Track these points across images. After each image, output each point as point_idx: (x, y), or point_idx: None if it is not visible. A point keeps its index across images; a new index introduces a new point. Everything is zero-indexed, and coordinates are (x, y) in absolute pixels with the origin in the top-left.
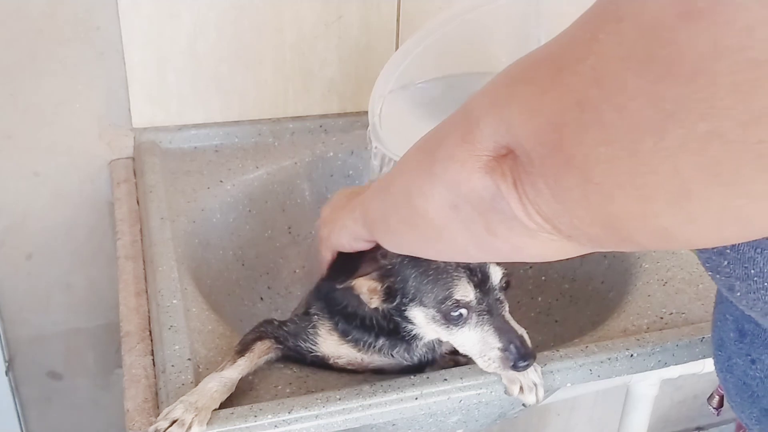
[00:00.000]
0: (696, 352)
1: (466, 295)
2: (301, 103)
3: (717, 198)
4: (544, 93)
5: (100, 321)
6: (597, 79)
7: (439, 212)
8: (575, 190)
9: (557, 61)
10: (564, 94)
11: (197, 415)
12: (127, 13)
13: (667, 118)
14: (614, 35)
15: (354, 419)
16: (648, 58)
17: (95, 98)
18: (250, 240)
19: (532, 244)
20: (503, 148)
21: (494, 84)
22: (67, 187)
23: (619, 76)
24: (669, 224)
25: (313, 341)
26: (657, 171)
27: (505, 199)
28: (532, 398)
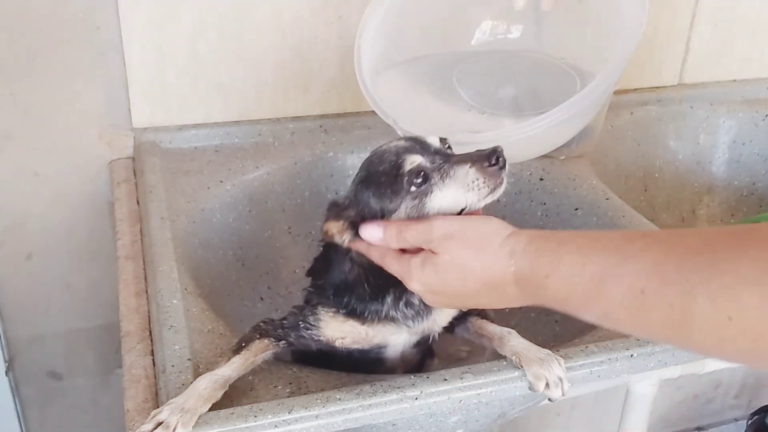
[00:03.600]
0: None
1: (415, 160)
2: (301, 103)
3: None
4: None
5: (100, 321)
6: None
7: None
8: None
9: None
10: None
11: (182, 417)
12: (127, 13)
13: None
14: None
15: (354, 419)
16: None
17: (95, 98)
18: (250, 240)
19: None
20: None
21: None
22: (67, 187)
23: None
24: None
25: (316, 326)
26: None
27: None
28: (558, 393)
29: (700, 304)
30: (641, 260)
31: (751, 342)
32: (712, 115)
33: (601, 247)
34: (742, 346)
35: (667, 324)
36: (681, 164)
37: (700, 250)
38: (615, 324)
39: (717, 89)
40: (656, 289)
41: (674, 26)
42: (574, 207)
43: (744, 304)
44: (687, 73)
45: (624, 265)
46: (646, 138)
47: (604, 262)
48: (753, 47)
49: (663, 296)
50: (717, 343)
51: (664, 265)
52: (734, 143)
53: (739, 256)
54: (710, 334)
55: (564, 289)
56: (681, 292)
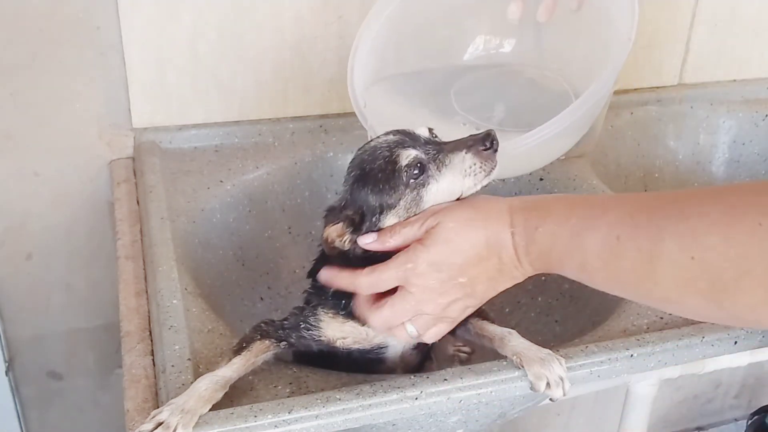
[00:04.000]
0: (696, 352)
1: (409, 154)
2: (301, 103)
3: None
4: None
5: (100, 321)
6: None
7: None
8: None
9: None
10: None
11: (183, 418)
12: (127, 13)
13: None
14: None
15: (354, 419)
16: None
17: (95, 98)
18: (250, 240)
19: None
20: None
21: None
22: (67, 187)
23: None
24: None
25: (317, 327)
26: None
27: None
28: (560, 392)
29: (667, 245)
30: (618, 211)
31: (710, 284)
32: (712, 115)
33: (585, 204)
34: (702, 288)
35: (635, 268)
36: (681, 164)
37: (672, 200)
38: (590, 275)
39: (717, 89)
40: (629, 234)
41: (674, 26)
42: None
43: (706, 245)
44: (687, 73)
45: (602, 216)
46: (646, 138)
47: (585, 214)
48: (753, 47)
49: (634, 241)
50: (679, 285)
51: (638, 215)
52: (734, 143)
53: (706, 203)
54: (674, 277)
55: (549, 241)
56: (650, 236)
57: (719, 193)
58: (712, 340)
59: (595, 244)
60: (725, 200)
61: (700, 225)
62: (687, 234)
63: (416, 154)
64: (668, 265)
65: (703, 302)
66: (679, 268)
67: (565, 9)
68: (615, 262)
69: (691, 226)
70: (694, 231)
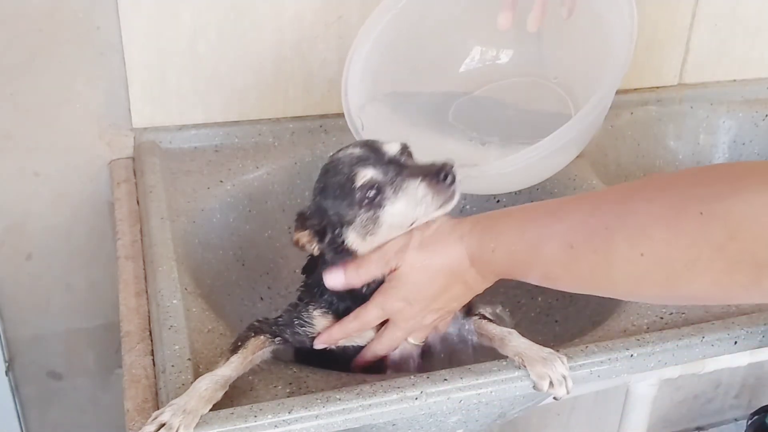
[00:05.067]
0: (696, 352)
1: (366, 175)
2: (301, 103)
3: None
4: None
5: (100, 321)
6: None
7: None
8: None
9: None
10: None
11: (184, 419)
12: (127, 13)
13: None
14: None
15: (354, 419)
16: None
17: (95, 98)
18: (250, 240)
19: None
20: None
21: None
22: (67, 187)
23: None
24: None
25: (310, 323)
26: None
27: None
28: (563, 390)
29: (619, 245)
30: (570, 219)
31: (663, 276)
32: (712, 115)
33: (535, 215)
34: (657, 280)
35: (594, 271)
36: (681, 164)
37: (619, 199)
38: (554, 282)
39: (717, 89)
40: (582, 241)
41: (674, 26)
42: None
43: (654, 239)
44: (687, 73)
45: (555, 226)
46: (646, 138)
47: (538, 227)
48: (753, 47)
49: (588, 245)
50: (636, 280)
51: (589, 219)
52: (734, 143)
53: (651, 198)
54: (629, 273)
55: (508, 258)
56: (603, 239)
57: (661, 187)
58: (712, 340)
59: (552, 253)
60: (667, 194)
61: (646, 220)
62: (635, 232)
63: (372, 176)
64: (622, 264)
65: (660, 291)
66: (632, 264)
67: (557, 18)
68: (574, 268)
69: (639, 222)
70: (641, 228)
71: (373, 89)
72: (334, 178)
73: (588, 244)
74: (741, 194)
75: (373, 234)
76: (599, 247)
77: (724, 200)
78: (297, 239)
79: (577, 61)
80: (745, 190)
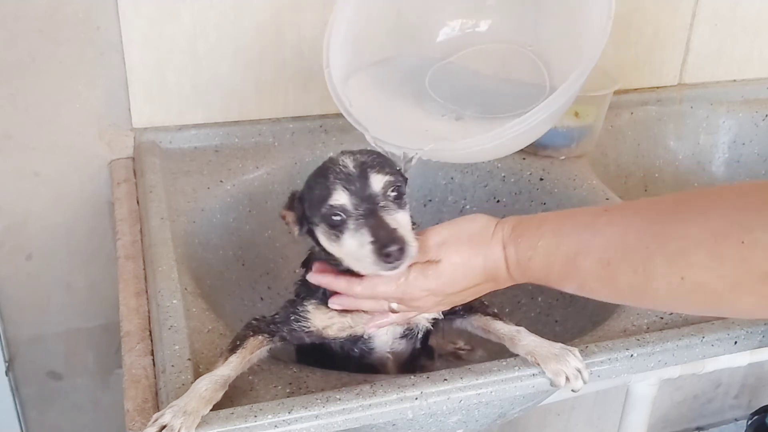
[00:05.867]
0: (696, 352)
1: (338, 199)
2: (301, 103)
3: None
4: None
5: (100, 321)
6: None
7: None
8: None
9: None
10: None
11: (185, 420)
12: (127, 13)
13: None
14: None
15: (354, 419)
16: None
17: (95, 98)
18: (250, 240)
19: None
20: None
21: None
22: (67, 187)
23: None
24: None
25: (305, 318)
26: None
27: None
28: (579, 383)
29: (659, 267)
30: (606, 234)
31: (704, 297)
32: (712, 115)
33: (571, 226)
34: (698, 301)
35: (633, 288)
36: (681, 164)
37: (656, 218)
38: (590, 293)
39: (717, 89)
40: (621, 258)
41: (674, 26)
42: (575, 207)
43: (694, 264)
44: (687, 73)
45: (591, 240)
46: (646, 138)
47: (574, 240)
48: (753, 47)
49: (627, 263)
50: (676, 299)
51: (626, 236)
52: (734, 143)
53: (689, 222)
54: (669, 294)
55: (544, 268)
56: (642, 259)
57: (701, 209)
58: (712, 340)
59: (589, 267)
60: (708, 220)
61: (687, 246)
62: (676, 256)
63: (343, 204)
64: (662, 285)
65: (702, 309)
66: (672, 286)
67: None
68: (611, 283)
69: (679, 247)
70: (682, 252)
71: (353, 59)
72: (318, 182)
73: (626, 262)
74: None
75: (335, 245)
76: (638, 266)
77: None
78: (284, 215)
79: (555, 32)
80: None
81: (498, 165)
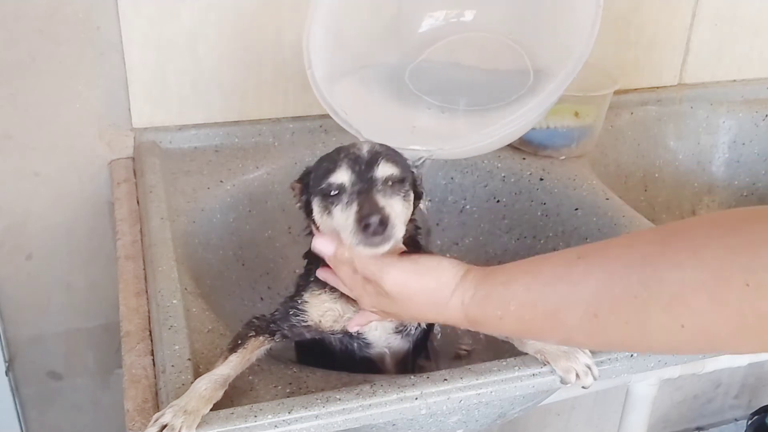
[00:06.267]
0: None
1: (340, 177)
2: (301, 103)
3: None
4: None
5: (100, 321)
6: None
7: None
8: None
9: None
10: None
11: (186, 420)
12: (127, 13)
13: None
14: None
15: (354, 419)
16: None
17: (95, 98)
18: (250, 240)
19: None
20: None
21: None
22: (67, 187)
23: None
24: None
25: (303, 310)
26: None
27: None
28: (590, 379)
29: (655, 317)
30: (588, 285)
31: (707, 342)
32: (712, 115)
33: (545, 280)
34: (701, 347)
35: (626, 339)
36: (681, 164)
37: (642, 264)
38: (576, 344)
39: (717, 89)
40: (609, 311)
41: (674, 26)
42: (574, 207)
43: (695, 311)
44: (687, 73)
45: (573, 294)
46: (646, 138)
47: (552, 296)
48: (753, 47)
49: (617, 316)
50: (676, 347)
51: (611, 287)
52: (734, 143)
53: (682, 265)
54: (669, 342)
55: (520, 326)
56: (634, 309)
57: (694, 253)
58: None
59: (574, 322)
60: (703, 262)
61: (684, 292)
62: (673, 304)
63: (343, 182)
64: (660, 334)
65: (703, 353)
66: (672, 335)
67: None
68: (601, 337)
69: (675, 293)
70: (679, 299)
71: (338, 56)
72: (329, 158)
73: (616, 314)
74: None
75: (325, 218)
76: (630, 318)
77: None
78: (292, 186)
79: (542, 22)
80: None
81: (498, 165)
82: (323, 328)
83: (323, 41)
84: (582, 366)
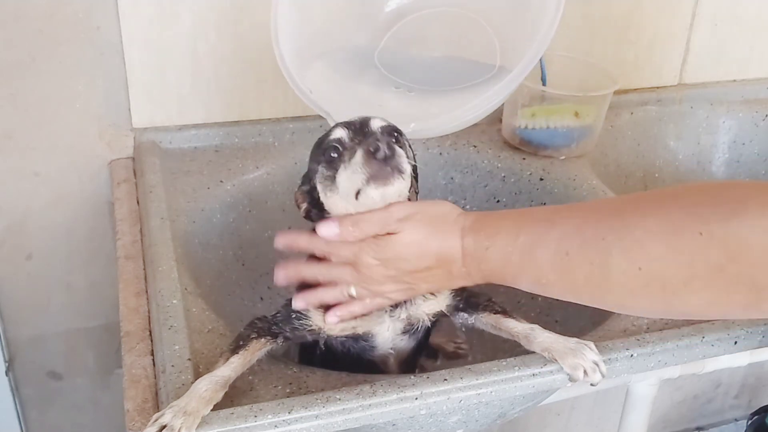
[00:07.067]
0: (696, 352)
1: (337, 134)
2: (301, 103)
3: None
4: None
5: (100, 321)
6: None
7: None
8: None
9: None
10: None
11: (185, 420)
12: (127, 13)
13: None
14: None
15: (354, 419)
16: None
17: (95, 98)
18: (250, 240)
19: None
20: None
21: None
22: (67, 187)
23: None
24: None
25: (306, 317)
26: None
27: None
28: (598, 376)
29: (616, 258)
30: (565, 226)
31: (660, 289)
32: (712, 115)
33: (531, 220)
34: (653, 293)
35: (589, 280)
36: (681, 164)
37: (614, 212)
38: (545, 288)
39: (717, 89)
40: (578, 249)
41: (674, 26)
42: None
43: (651, 255)
44: (687, 73)
45: (550, 232)
46: (646, 138)
47: (533, 231)
48: (753, 47)
49: (584, 255)
50: (631, 292)
51: (584, 229)
52: (734, 143)
53: (647, 214)
54: (625, 285)
55: (501, 259)
56: (599, 250)
57: (660, 204)
58: (712, 340)
59: (547, 259)
60: (666, 212)
61: (644, 237)
62: (633, 246)
63: (339, 137)
64: (619, 276)
65: (654, 304)
66: (629, 277)
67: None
68: (568, 275)
69: (636, 238)
70: (639, 243)
71: (304, 37)
72: (323, 135)
73: (584, 253)
74: (742, 217)
75: (331, 191)
76: (595, 257)
77: (725, 222)
78: (296, 196)
79: (511, 3)
80: (746, 213)
81: (498, 165)
82: (328, 334)
83: (291, 22)
84: (590, 363)
